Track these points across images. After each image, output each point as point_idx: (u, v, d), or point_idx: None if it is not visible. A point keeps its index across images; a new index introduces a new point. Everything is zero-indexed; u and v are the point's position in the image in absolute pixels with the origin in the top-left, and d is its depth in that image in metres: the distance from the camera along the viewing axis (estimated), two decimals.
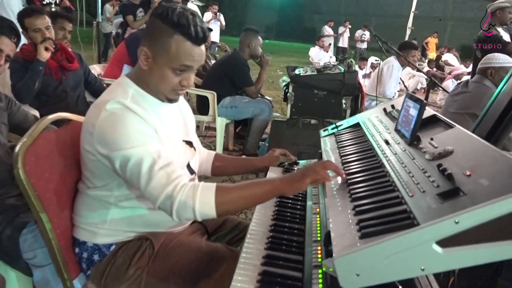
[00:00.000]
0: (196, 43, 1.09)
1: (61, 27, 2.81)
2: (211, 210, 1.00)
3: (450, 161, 0.85)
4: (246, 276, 0.89)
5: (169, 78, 1.12)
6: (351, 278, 0.70)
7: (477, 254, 0.66)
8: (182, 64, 1.10)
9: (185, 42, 1.08)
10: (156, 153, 1.04)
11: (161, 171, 1.02)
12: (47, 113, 2.46)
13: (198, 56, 1.12)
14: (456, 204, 0.69)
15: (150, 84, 1.16)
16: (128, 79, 1.18)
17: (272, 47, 18.47)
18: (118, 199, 1.16)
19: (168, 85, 1.13)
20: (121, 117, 1.06)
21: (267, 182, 1.07)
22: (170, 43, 1.08)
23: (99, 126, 1.06)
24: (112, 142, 1.04)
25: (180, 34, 1.07)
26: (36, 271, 1.30)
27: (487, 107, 1.12)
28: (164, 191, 1.00)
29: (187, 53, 1.09)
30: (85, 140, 1.11)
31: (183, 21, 1.06)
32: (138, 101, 1.13)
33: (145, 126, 1.08)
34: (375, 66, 7.74)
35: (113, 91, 1.15)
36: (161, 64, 1.11)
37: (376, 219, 0.78)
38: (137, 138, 1.04)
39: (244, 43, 3.53)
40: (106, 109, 1.06)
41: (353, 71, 3.21)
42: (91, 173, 1.16)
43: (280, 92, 7.18)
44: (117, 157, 1.04)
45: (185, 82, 1.14)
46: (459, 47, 15.22)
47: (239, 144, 4.17)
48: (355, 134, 1.42)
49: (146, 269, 1.15)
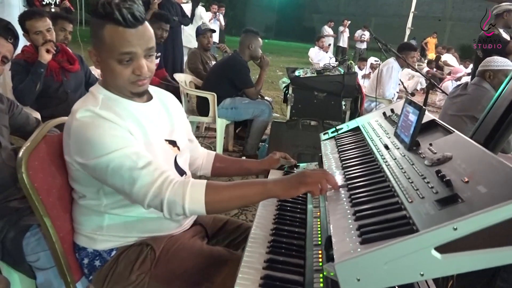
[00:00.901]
0: (128, 26, 1.04)
1: (61, 28, 2.83)
2: (201, 208, 1.00)
3: (449, 167, 0.86)
4: (249, 280, 0.90)
5: (118, 70, 1.08)
6: (352, 282, 0.71)
7: (475, 260, 0.67)
8: (122, 52, 1.05)
9: (116, 28, 1.04)
10: (134, 155, 1.02)
11: (143, 170, 1.01)
12: (48, 115, 2.51)
13: (136, 40, 1.06)
14: (455, 210, 0.70)
15: (110, 83, 1.14)
16: (99, 85, 1.17)
17: (271, 47, 18.50)
18: (109, 207, 1.15)
19: (121, 79, 1.09)
20: (91, 125, 1.04)
21: (259, 184, 1.04)
22: (104, 35, 1.05)
23: (73, 136, 1.05)
24: (87, 150, 1.03)
25: (109, 22, 1.04)
26: (39, 273, 1.31)
27: (486, 112, 1.14)
28: (151, 190, 1.00)
29: (121, 39, 1.04)
30: (65, 150, 1.11)
31: (108, 9, 1.02)
32: (109, 105, 1.11)
33: (118, 130, 1.05)
34: (374, 66, 7.75)
35: (84, 100, 1.14)
36: (105, 59, 1.08)
37: (377, 225, 0.79)
38: (112, 144, 1.02)
39: (244, 45, 3.54)
40: (77, 119, 1.05)
41: (353, 73, 3.23)
42: (77, 183, 1.16)
43: (279, 93, 7.19)
44: (96, 165, 1.03)
45: (137, 71, 1.08)
46: (458, 47, 15.26)
47: (239, 145, 4.19)
48: (355, 138, 1.43)
49: (149, 274, 1.15)
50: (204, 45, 4.36)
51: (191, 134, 1.43)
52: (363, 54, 11.96)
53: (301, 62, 13.87)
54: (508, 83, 1.12)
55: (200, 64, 4.24)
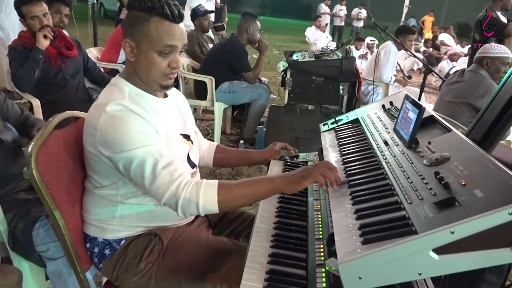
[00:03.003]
0: (174, 21, 1.12)
1: (57, 10, 2.77)
2: (213, 206, 1.06)
3: (447, 168, 0.90)
4: (255, 274, 0.94)
5: (156, 62, 1.14)
6: (354, 281, 0.76)
7: (470, 260, 0.72)
8: (166, 45, 1.12)
9: (163, 22, 1.11)
10: (158, 153, 1.07)
11: (164, 170, 1.06)
12: (47, 101, 2.51)
13: (179, 35, 1.14)
14: (452, 214, 0.74)
15: (141, 75, 1.18)
16: (121, 78, 1.20)
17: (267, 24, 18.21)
18: (125, 197, 1.20)
19: (157, 70, 1.15)
20: (121, 119, 1.08)
21: (268, 181, 1.10)
22: (149, 27, 1.11)
23: (100, 129, 1.09)
24: (114, 144, 1.07)
25: (156, 15, 1.11)
26: (49, 263, 1.36)
27: (484, 109, 1.17)
28: (169, 189, 1.05)
29: (167, 32, 1.12)
30: (88, 141, 1.15)
31: (156, 4, 1.10)
32: (136, 100, 1.16)
33: (145, 126, 1.10)
34: (370, 46, 7.71)
35: (110, 92, 1.17)
36: (146, 50, 1.13)
37: (377, 225, 0.83)
38: (139, 140, 1.07)
39: (242, 28, 3.52)
40: (106, 111, 1.09)
41: (351, 58, 3.24)
42: (96, 173, 1.20)
43: (276, 73, 7.17)
44: (120, 159, 1.08)
45: (174, 64, 1.16)
46: (455, 25, 15.16)
47: (236, 128, 4.21)
48: (354, 131, 1.46)
49: (156, 263, 1.20)
50: (205, 27, 4.32)
51: (195, 126, 1.46)
52: (360, 33, 11.84)
53: (297, 41, 13.74)
54: (507, 81, 1.15)
55: (197, 47, 4.21)
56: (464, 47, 9.55)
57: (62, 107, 2.50)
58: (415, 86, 6.00)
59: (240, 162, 1.63)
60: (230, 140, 3.96)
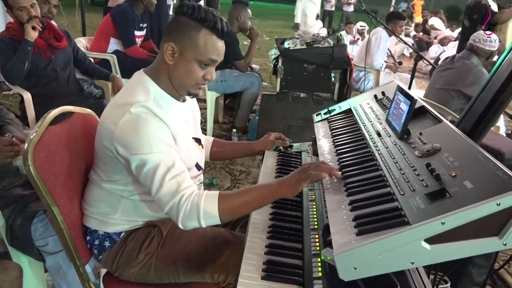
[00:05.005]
0: (221, 37, 1.16)
1: (45, 1, 2.70)
2: (215, 218, 1.07)
3: (438, 159, 0.93)
4: (252, 265, 0.97)
5: (195, 72, 1.17)
6: (349, 271, 0.79)
7: (460, 249, 0.76)
8: (210, 58, 1.15)
9: (212, 36, 1.14)
10: (171, 161, 1.09)
11: (173, 180, 1.08)
12: (38, 94, 2.49)
13: (222, 51, 1.18)
14: (443, 205, 0.78)
15: (173, 79, 1.20)
16: (147, 76, 1.21)
17: (257, 9, 18.04)
18: (131, 193, 1.22)
19: (193, 79, 1.18)
20: (144, 122, 1.09)
21: (266, 187, 1.12)
22: (198, 37, 1.13)
23: (121, 127, 1.10)
24: (132, 145, 1.09)
25: (207, 28, 1.13)
26: (48, 257, 1.37)
27: (474, 100, 1.19)
28: (172, 200, 1.07)
29: (214, 47, 1.15)
30: (104, 136, 1.15)
31: (209, 17, 1.13)
32: (159, 102, 1.17)
33: (165, 132, 1.13)
34: (361, 32, 7.70)
35: (135, 91, 1.18)
36: (189, 58, 1.15)
37: (371, 216, 0.86)
38: (156, 145, 1.09)
39: (233, 16, 3.49)
40: (131, 112, 1.10)
41: (342, 45, 3.24)
42: (107, 167, 1.21)
43: (267, 60, 7.14)
44: (134, 160, 1.09)
45: (209, 76, 1.19)
46: (445, 9, 15.14)
47: (228, 116, 4.22)
48: (347, 122, 1.49)
49: (155, 254, 1.23)
50: None
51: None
52: (350, 18, 11.79)
53: (287, 26, 13.61)
54: (497, 70, 1.17)
55: None
56: (454, 31, 9.57)
57: (53, 99, 2.50)
58: (405, 72, 6.04)
59: (235, 154, 1.65)
60: (222, 128, 3.97)
